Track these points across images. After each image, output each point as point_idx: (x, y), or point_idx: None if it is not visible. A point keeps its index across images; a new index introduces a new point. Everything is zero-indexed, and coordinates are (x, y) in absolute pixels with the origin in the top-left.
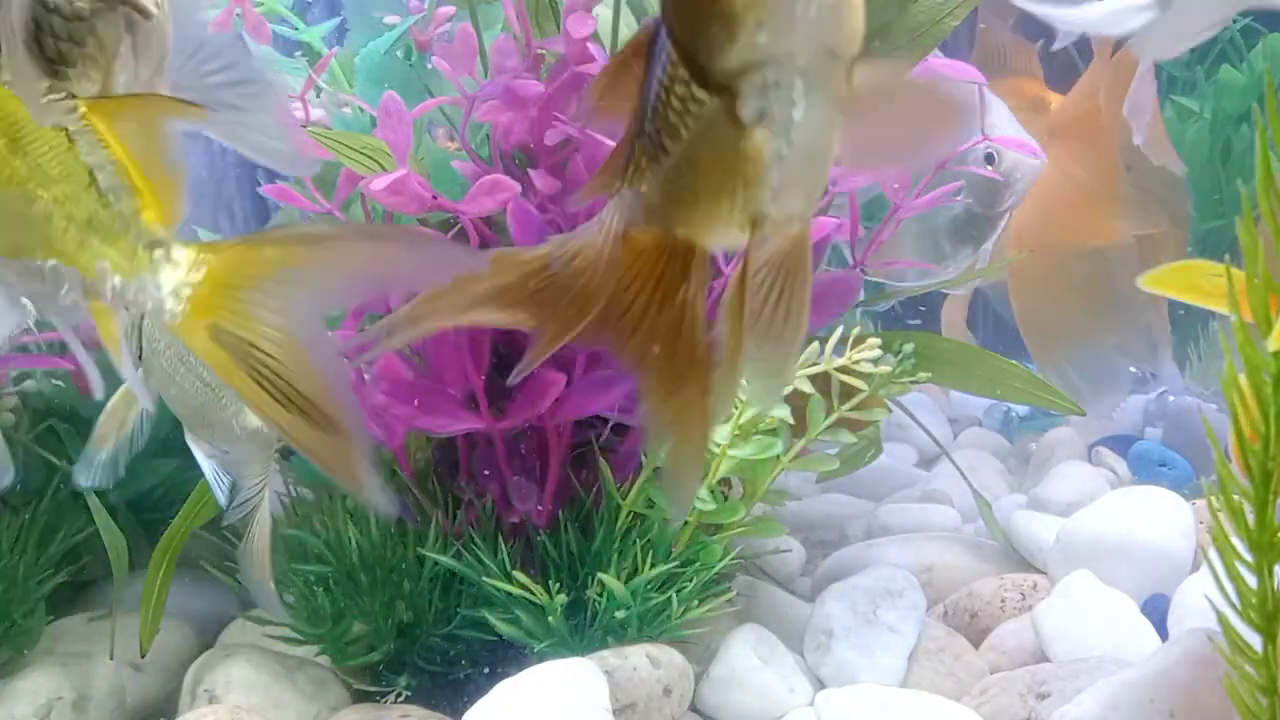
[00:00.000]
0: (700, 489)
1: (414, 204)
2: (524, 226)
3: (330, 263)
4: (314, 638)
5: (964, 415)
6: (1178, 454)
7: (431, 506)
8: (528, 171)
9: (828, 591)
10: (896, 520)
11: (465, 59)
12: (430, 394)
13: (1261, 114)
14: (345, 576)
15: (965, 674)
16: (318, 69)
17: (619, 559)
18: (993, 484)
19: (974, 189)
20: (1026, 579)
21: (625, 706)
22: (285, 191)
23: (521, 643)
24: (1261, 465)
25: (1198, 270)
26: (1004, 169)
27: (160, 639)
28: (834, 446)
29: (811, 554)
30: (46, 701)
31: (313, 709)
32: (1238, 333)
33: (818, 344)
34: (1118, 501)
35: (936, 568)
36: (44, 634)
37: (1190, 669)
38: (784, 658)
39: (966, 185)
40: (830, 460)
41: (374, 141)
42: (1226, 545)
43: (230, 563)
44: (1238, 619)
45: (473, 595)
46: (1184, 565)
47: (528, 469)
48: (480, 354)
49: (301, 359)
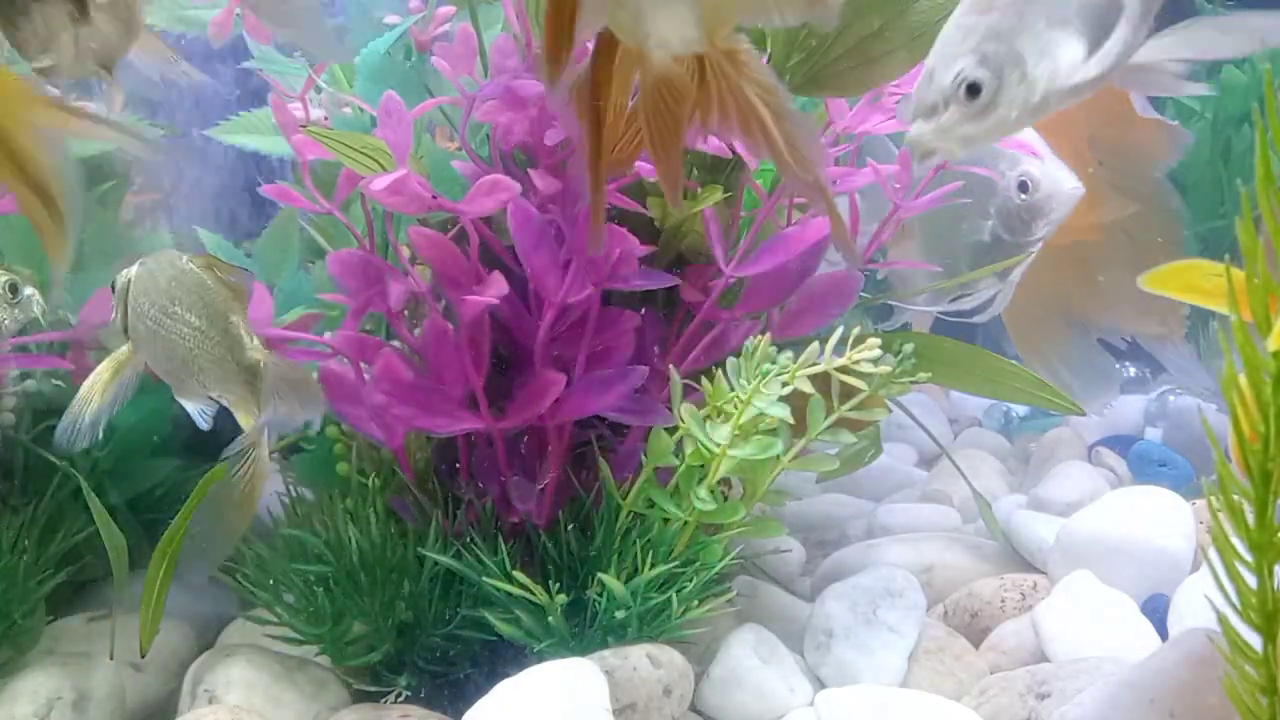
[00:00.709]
0: (700, 489)
1: (414, 204)
2: (524, 226)
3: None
4: (314, 638)
5: (964, 415)
6: (1178, 454)
7: (431, 506)
8: (528, 171)
9: (828, 591)
10: (896, 520)
11: (465, 59)
12: (430, 394)
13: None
14: (345, 576)
15: (965, 674)
16: (318, 69)
17: (619, 559)
18: (993, 484)
19: (1003, 216)
20: (1026, 579)
21: (625, 706)
22: (285, 191)
23: (521, 643)
24: (1261, 465)
25: (1198, 270)
26: (1038, 198)
27: (160, 639)
28: (834, 446)
29: (811, 554)
30: (46, 701)
31: (313, 709)
32: (1238, 333)
33: (818, 344)
34: (1118, 501)
35: (936, 568)
36: (44, 634)
37: (1190, 669)
38: (784, 658)
39: (995, 212)
40: (830, 460)
41: (374, 141)
42: (1226, 545)
43: (230, 563)
44: (1238, 619)
45: (473, 595)
46: (1184, 565)
47: (528, 469)
48: (480, 354)
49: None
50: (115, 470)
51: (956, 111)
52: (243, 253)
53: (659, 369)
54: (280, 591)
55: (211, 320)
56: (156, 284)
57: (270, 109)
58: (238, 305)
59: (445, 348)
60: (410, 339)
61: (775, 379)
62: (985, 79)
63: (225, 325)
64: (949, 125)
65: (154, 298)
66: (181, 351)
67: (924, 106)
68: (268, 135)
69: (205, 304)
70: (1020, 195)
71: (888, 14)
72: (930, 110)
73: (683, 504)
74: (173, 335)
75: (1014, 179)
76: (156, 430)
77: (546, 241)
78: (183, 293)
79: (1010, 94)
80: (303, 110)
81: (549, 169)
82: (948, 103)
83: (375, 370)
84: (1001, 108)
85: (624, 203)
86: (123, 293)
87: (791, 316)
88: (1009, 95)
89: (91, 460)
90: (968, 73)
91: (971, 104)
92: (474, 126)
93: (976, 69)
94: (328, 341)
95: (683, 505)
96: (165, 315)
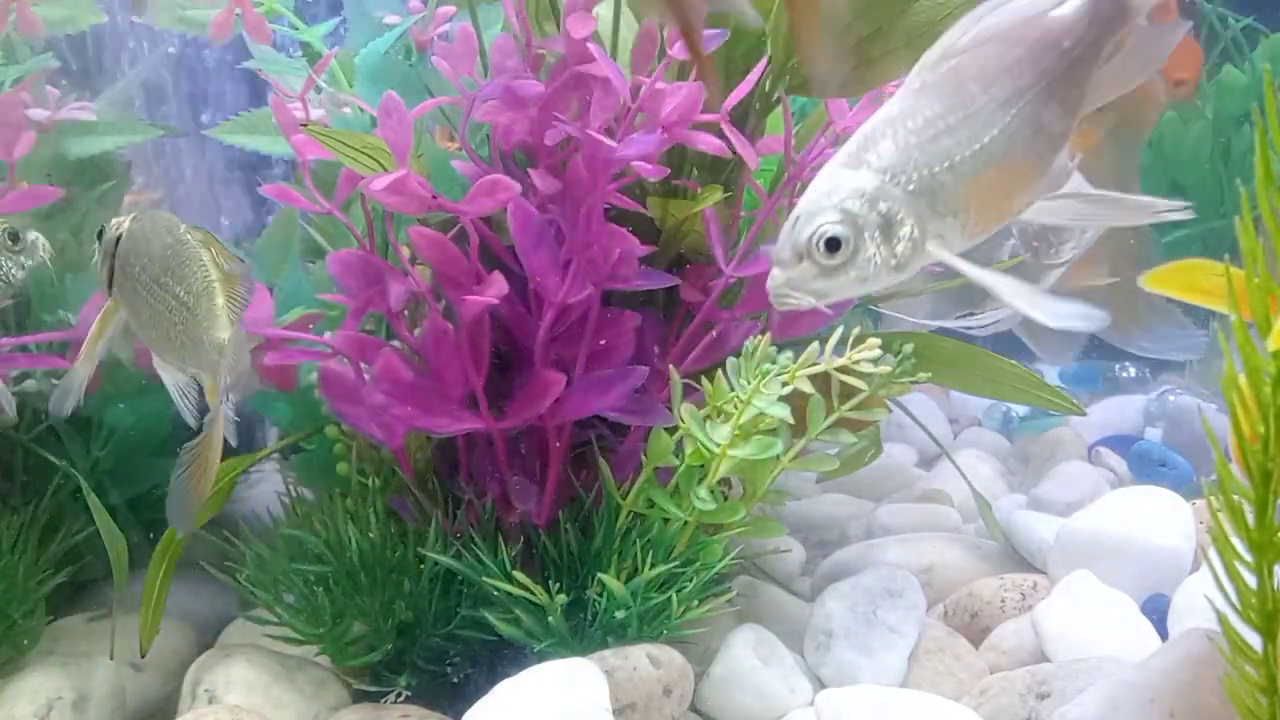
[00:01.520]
0: (700, 489)
1: (414, 204)
2: (524, 226)
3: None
4: (314, 638)
5: (964, 415)
6: (1178, 454)
7: (431, 506)
8: (528, 171)
9: (828, 591)
10: (896, 520)
11: (465, 59)
12: (430, 394)
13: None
14: (345, 576)
15: (965, 674)
16: (318, 69)
17: (619, 559)
18: (993, 484)
19: (1025, 237)
20: (1026, 579)
21: (625, 706)
22: (285, 191)
23: (521, 643)
24: (1261, 465)
25: (1198, 270)
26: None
27: (160, 639)
28: (834, 446)
29: (811, 554)
30: (46, 701)
31: (313, 709)
32: (1238, 333)
33: (817, 344)
34: (1118, 501)
35: (936, 568)
36: (44, 634)
37: (1190, 669)
38: (784, 658)
39: (1017, 232)
40: (830, 460)
41: (374, 141)
42: (1226, 545)
43: (230, 563)
44: (1238, 619)
45: (473, 595)
46: (1184, 565)
47: (528, 469)
48: (480, 354)
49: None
50: (115, 470)
51: (811, 266)
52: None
53: (659, 369)
54: (280, 591)
55: (198, 298)
56: (150, 248)
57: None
58: (227, 287)
59: (445, 348)
60: (410, 339)
61: (775, 379)
62: (845, 236)
63: (211, 306)
64: (803, 279)
65: (145, 263)
66: (165, 323)
67: (783, 254)
68: (268, 135)
69: (196, 279)
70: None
71: (888, 14)
72: (790, 259)
73: (683, 504)
74: (159, 305)
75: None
76: (156, 430)
77: (546, 241)
78: (176, 264)
79: (868, 255)
80: (303, 110)
81: (549, 169)
82: (806, 255)
83: (375, 370)
84: (857, 269)
85: (624, 203)
86: (110, 245)
87: (791, 317)
88: (866, 256)
89: (91, 460)
90: (828, 229)
91: (828, 260)
92: (474, 126)
93: (837, 226)
94: (328, 341)
95: (683, 505)
96: (155, 284)
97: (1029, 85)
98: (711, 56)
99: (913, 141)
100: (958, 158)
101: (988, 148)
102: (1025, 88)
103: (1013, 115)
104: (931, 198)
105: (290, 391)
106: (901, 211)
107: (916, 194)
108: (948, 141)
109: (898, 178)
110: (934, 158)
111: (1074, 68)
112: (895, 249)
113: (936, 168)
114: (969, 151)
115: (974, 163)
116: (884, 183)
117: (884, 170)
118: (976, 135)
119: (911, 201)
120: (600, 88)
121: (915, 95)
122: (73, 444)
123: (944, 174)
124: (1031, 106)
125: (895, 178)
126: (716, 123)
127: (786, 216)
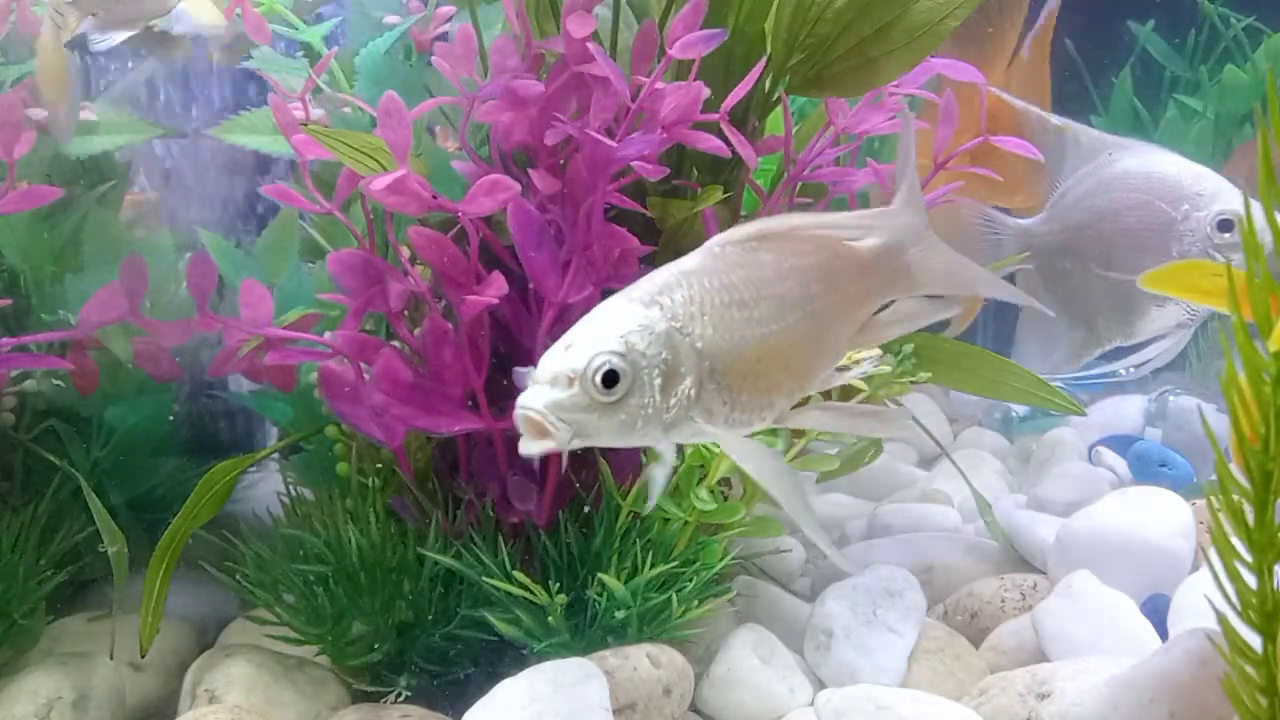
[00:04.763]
0: (700, 489)
1: (414, 204)
2: (524, 226)
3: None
4: (314, 638)
5: (964, 415)
6: (1178, 454)
7: (431, 506)
8: (528, 171)
9: (828, 591)
10: (896, 520)
11: (465, 59)
12: (430, 394)
13: (1263, 114)
14: (345, 576)
15: (965, 674)
16: (318, 69)
17: (619, 559)
18: (993, 484)
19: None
20: (1026, 579)
21: (625, 706)
22: (285, 191)
23: (521, 643)
24: (1261, 465)
25: (1198, 270)
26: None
27: (160, 639)
28: (834, 446)
29: (811, 554)
30: (46, 701)
31: (313, 709)
32: (1238, 333)
33: None
34: (1118, 501)
35: (936, 568)
36: (44, 634)
37: (1190, 669)
38: (784, 658)
39: (1179, 255)
40: (830, 460)
41: (374, 141)
42: (1226, 545)
43: (230, 563)
44: (1238, 619)
45: (473, 595)
46: (1184, 565)
47: (528, 469)
48: (480, 354)
49: None
50: (115, 470)
51: (583, 395)
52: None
53: None
54: (280, 591)
55: None
56: None
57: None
58: None
59: (445, 348)
60: (410, 339)
61: None
62: (624, 371)
63: None
64: (570, 405)
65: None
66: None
67: (550, 372)
68: (268, 135)
69: None
70: (1221, 234)
71: (888, 15)
72: (561, 380)
73: (683, 504)
74: None
75: (1209, 218)
76: (156, 430)
77: (546, 241)
78: None
79: (642, 401)
80: (303, 110)
81: (549, 169)
82: (579, 380)
83: (375, 370)
84: (626, 412)
85: (624, 203)
86: None
87: None
88: (640, 402)
89: (92, 460)
90: (608, 360)
91: (602, 394)
92: (474, 126)
93: (619, 359)
94: (328, 341)
95: (683, 505)
96: None
97: (819, 294)
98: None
99: (707, 301)
100: (747, 334)
101: (774, 334)
102: (815, 295)
103: (800, 315)
104: (714, 361)
105: (290, 391)
106: (685, 365)
107: (702, 354)
108: (738, 314)
109: (688, 329)
110: (724, 324)
111: (862, 293)
112: (669, 403)
113: (725, 333)
114: (756, 332)
115: (758, 345)
116: (673, 329)
117: (675, 318)
118: (764, 320)
119: (696, 360)
120: (600, 88)
121: (715, 259)
122: (73, 444)
123: (730, 342)
124: (817, 312)
125: (686, 328)
126: (716, 122)
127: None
